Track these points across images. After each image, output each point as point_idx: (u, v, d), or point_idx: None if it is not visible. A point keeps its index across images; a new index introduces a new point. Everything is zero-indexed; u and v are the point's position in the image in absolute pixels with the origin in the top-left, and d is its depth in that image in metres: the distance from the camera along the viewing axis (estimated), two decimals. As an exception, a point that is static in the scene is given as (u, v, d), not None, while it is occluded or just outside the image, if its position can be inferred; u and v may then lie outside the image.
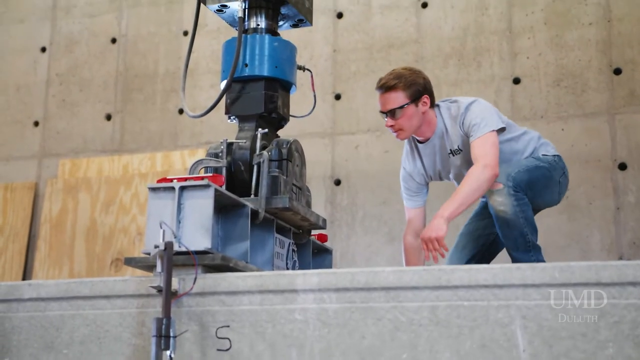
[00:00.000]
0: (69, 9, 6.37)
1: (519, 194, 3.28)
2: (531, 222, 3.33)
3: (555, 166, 3.48)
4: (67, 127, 6.16)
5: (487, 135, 3.33)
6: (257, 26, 3.23)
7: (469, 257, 3.60)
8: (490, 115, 3.40)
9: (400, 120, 3.45)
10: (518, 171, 3.32)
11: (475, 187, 3.24)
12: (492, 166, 3.26)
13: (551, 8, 5.17)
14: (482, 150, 3.30)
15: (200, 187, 2.61)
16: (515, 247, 3.34)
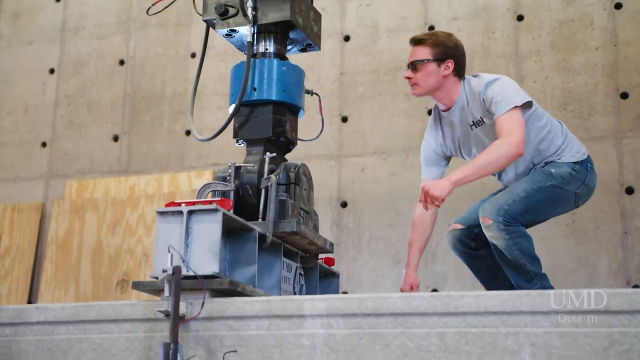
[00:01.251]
0: (78, 31, 6.41)
1: (512, 227, 3.21)
2: (528, 252, 3.25)
3: (570, 179, 3.37)
4: (75, 148, 6.19)
5: (512, 112, 3.26)
6: (265, 50, 3.26)
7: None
8: (513, 91, 3.33)
9: (418, 74, 3.44)
10: (513, 201, 3.24)
11: (493, 160, 3.21)
12: (517, 144, 3.20)
13: (558, 32, 5.19)
14: (508, 127, 3.24)
15: (208, 211, 2.62)
16: (517, 277, 3.30)
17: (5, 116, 6.42)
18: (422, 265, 5.15)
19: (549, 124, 3.45)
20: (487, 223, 3.22)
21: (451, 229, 3.52)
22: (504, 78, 3.41)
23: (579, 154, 3.46)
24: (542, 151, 3.42)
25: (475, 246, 3.48)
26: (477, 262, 3.50)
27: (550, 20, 5.22)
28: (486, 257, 3.47)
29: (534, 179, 3.35)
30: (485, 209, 3.24)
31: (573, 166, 3.40)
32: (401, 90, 5.48)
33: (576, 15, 5.17)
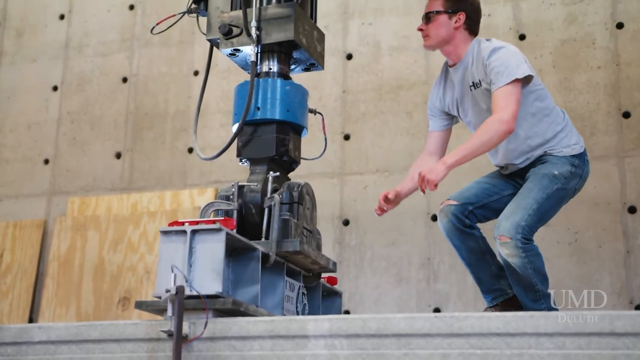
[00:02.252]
0: (81, 48, 6.44)
1: (528, 245, 3.23)
2: (540, 271, 3.27)
3: (571, 177, 3.39)
4: (77, 165, 6.19)
5: (510, 86, 3.26)
6: (269, 70, 3.27)
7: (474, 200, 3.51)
8: (515, 62, 3.31)
9: (430, 26, 3.47)
10: (528, 216, 3.25)
11: (486, 140, 3.23)
12: (508, 121, 3.21)
13: (560, 51, 5.21)
14: (502, 103, 3.25)
15: (211, 231, 2.63)
16: (524, 296, 3.30)
17: (8, 133, 6.43)
18: (424, 284, 5.16)
19: (551, 108, 3.45)
20: (504, 241, 3.21)
21: (445, 204, 3.47)
22: (510, 47, 3.41)
23: (577, 145, 3.46)
24: (538, 134, 3.41)
25: (469, 223, 3.44)
26: (469, 241, 3.44)
27: (552, 39, 5.24)
28: (478, 239, 3.44)
29: (540, 184, 3.33)
30: (501, 227, 3.23)
31: (572, 161, 3.41)
32: (403, 109, 5.50)
33: (578, 34, 5.18)
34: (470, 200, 3.44)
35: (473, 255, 3.45)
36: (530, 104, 3.39)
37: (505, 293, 3.43)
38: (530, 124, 3.40)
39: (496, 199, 3.49)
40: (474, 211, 3.44)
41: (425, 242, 5.20)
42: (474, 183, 3.56)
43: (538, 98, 3.42)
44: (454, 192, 3.53)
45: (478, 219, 3.48)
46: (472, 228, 3.46)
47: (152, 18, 6.27)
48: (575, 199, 3.71)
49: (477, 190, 3.51)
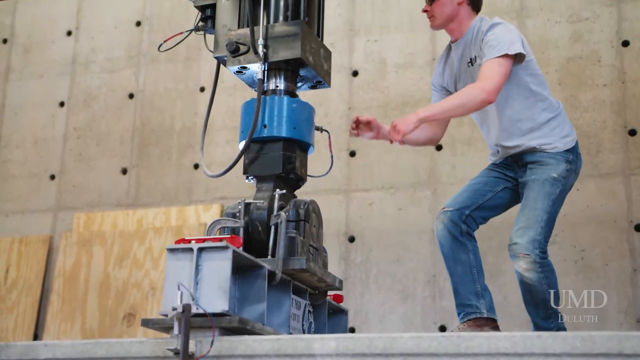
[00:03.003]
0: (88, 64, 6.47)
1: (545, 259, 3.25)
2: (554, 288, 3.28)
3: (568, 175, 3.40)
4: (83, 180, 6.21)
5: (499, 59, 3.29)
6: (276, 88, 3.28)
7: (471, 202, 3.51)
8: (510, 38, 3.34)
9: (434, 6, 3.51)
10: (541, 228, 3.26)
11: (462, 103, 3.27)
12: (489, 92, 3.23)
13: (565, 69, 5.21)
14: (487, 73, 3.28)
15: (218, 248, 2.62)
16: (535, 315, 3.31)
17: (14, 149, 6.45)
18: (429, 301, 5.15)
19: (545, 95, 3.46)
20: (523, 257, 3.22)
21: (442, 210, 3.48)
22: (507, 25, 3.44)
23: (570, 138, 3.47)
24: (530, 117, 3.41)
25: (465, 230, 3.44)
26: (460, 252, 3.42)
27: (558, 57, 5.25)
28: (469, 252, 3.43)
29: (544, 192, 3.33)
30: (518, 246, 3.24)
31: (567, 157, 3.41)
32: (409, 126, 5.49)
33: (584, 52, 5.19)
34: (465, 203, 3.45)
35: (460, 267, 3.43)
36: (524, 85, 3.41)
37: (479, 311, 3.39)
38: (522, 105, 3.41)
39: (490, 196, 3.50)
40: (472, 214, 3.45)
41: (430, 259, 5.19)
42: (466, 187, 3.57)
43: (533, 82, 3.44)
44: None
45: (477, 222, 3.49)
46: (469, 237, 3.45)
47: (158, 34, 6.31)
48: (581, 217, 3.72)
49: (470, 193, 3.51)
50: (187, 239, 2.69)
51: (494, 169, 3.59)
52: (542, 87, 3.48)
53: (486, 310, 3.38)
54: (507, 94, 3.40)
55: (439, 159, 5.37)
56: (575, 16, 5.27)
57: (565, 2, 5.31)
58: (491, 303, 3.42)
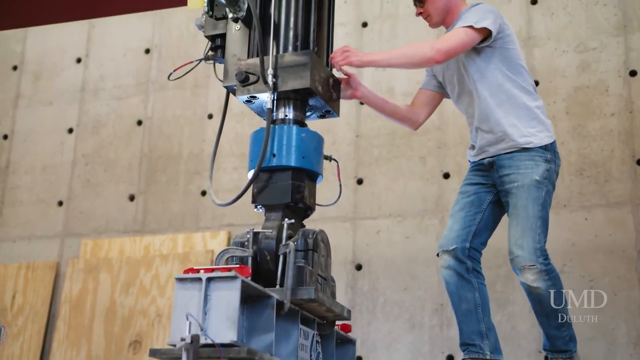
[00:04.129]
0: (97, 91, 6.51)
1: (550, 266, 3.23)
2: (562, 295, 3.27)
3: (549, 175, 3.35)
4: (91, 207, 6.22)
5: (462, 28, 3.32)
6: (285, 117, 3.29)
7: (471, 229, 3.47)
8: (481, 15, 3.34)
9: (426, 6, 3.53)
10: (538, 235, 3.23)
11: (409, 55, 3.31)
12: (437, 50, 3.25)
13: (573, 98, 5.22)
14: (446, 36, 3.32)
15: (227, 278, 2.61)
16: (547, 325, 3.30)
17: (23, 175, 6.48)
18: (437, 330, 5.12)
19: (522, 85, 3.41)
20: (529, 269, 3.19)
21: (443, 252, 3.43)
22: (487, 5, 3.44)
23: (545, 134, 3.41)
24: (505, 101, 3.38)
25: (471, 267, 3.40)
26: (465, 290, 3.39)
27: (565, 86, 5.26)
28: (475, 289, 3.39)
29: (531, 197, 3.28)
30: (521, 258, 3.21)
31: (544, 155, 3.35)
32: (416, 154, 5.51)
33: (591, 81, 5.20)
34: (462, 237, 3.41)
35: (464, 305, 3.39)
36: (501, 71, 3.40)
37: (482, 352, 3.34)
38: (499, 90, 3.39)
39: (480, 218, 3.46)
40: (472, 245, 3.41)
41: (438, 287, 5.17)
42: (452, 220, 3.50)
43: (510, 70, 3.41)
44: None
45: (479, 251, 3.44)
46: (476, 274, 3.41)
47: (167, 62, 6.35)
48: (589, 246, 3.71)
49: (461, 224, 3.46)
50: (196, 268, 2.68)
51: (473, 180, 3.53)
52: (522, 77, 3.44)
53: (490, 351, 3.34)
54: (484, 78, 3.41)
55: (446, 187, 5.37)
56: (582, 46, 5.29)
57: (573, 31, 5.34)
58: (496, 344, 3.38)
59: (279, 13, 3.36)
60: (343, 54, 3.28)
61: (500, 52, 3.42)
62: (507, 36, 3.44)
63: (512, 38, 3.46)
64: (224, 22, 3.45)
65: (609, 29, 5.25)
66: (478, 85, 3.44)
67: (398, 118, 3.76)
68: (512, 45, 3.45)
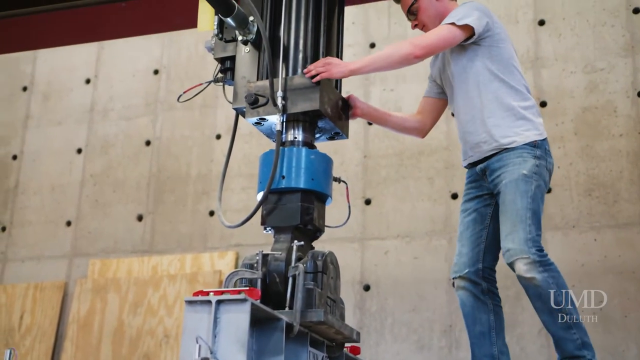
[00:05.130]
0: (106, 112, 6.54)
1: (545, 257, 3.08)
2: (564, 289, 3.08)
3: (539, 171, 3.23)
4: (99, 227, 6.23)
5: (444, 25, 3.29)
6: (294, 139, 3.29)
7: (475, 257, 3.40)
8: (465, 12, 3.31)
9: (420, 16, 3.50)
10: (529, 226, 3.11)
11: (388, 54, 3.26)
12: (416, 45, 3.22)
13: (581, 119, 5.23)
14: (426, 33, 3.30)
15: (236, 301, 2.61)
16: (552, 324, 3.10)
17: (32, 195, 6.49)
18: (446, 352, 5.09)
19: (511, 84, 3.34)
20: (520, 259, 3.07)
21: (457, 277, 3.39)
22: (475, 3, 3.41)
23: (532, 132, 3.30)
24: (491, 102, 3.31)
25: (486, 288, 3.34)
26: (481, 312, 3.33)
27: (573, 106, 5.26)
28: (490, 311, 3.33)
29: (519, 191, 3.18)
30: (511, 251, 3.10)
31: (533, 152, 3.25)
32: (424, 174, 5.51)
33: (599, 102, 5.21)
34: (474, 259, 3.36)
35: (478, 327, 3.34)
36: (489, 70, 3.34)
37: None
38: (485, 89, 3.33)
39: (485, 234, 3.39)
40: (485, 265, 3.35)
41: (446, 308, 5.16)
42: (460, 243, 3.44)
43: (499, 69, 3.35)
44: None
45: (492, 269, 3.38)
46: (491, 295, 3.36)
47: (175, 83, 6.38)
48: (599, 267, 3.69)
49: (469, 246, 3.40)
50: (206, 291, 2.68)
51: (470, 194, 3.47)
52: (511, 77, 3.36)
53: None
54: (469, 78, 3.37)
55: (454, 207, 5.36)
56: (590, 66, 5.30)
57: (580, 52, 5.35)
58: None
59: (288, 35, 3.38)
60: (325, 66, 3.23)
61: (490, 50, 3.36)
62: (497, 34, 3.37)
63: (502, 37, 3.39)
64: (233, 44, 3.47)
65: (617, 50, 5.26)
66: (464, 85, 3.40)
67: (404, 129, 3.75)
68: (502, 44, 3.37)
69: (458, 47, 3.40)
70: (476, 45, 3.37)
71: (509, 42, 3.44)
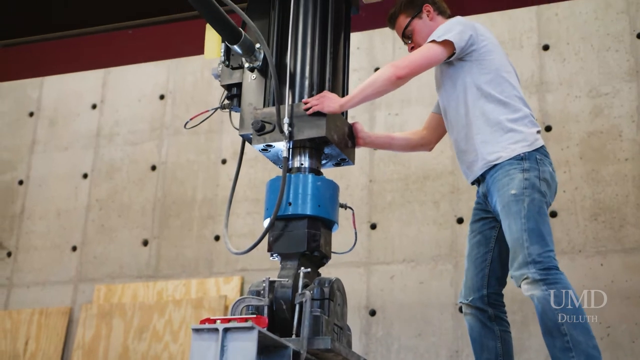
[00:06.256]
0: (112, 137, 6.56)
1: (549, 276, 2.97)
2: (572, 312, 2.97)
3: (530, 182, 3.13)
4: (104, 252, 6.23)
5: (426, 44, 3.28)
6: (300, 165, 3.31)
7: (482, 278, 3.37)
8: (447, 28, 3.29)
9: (415, 38, 3.50)
10: (527, 248, 3.01)
11: (371, 81, 3.25)
12: (397, 66, 3.22)
13: (586, 143, 5.23)
14: (409, 55, 3.29)
15: (244, 329, 2.61)
16: (552, 344, 2.97)
17: (37, 220, 6.50)
18: (453, 378, 5.07)
19: (498, 97, 3.27)
20: (524, 281, 3.01)
21: (464, 302, 3.37)
22: (458, 18, 3.41)
23: (520, 144, 3.20)
24: (479, 118, 3.26)
25: (492, 314, 3.31)
26: (489, 339, 3.30)
27: (578, 131, 5.27)
28: (497, 338, 3.30)
29: (511, 214, 3.10)
30: (515, 278, 3.04)
31: (520, 166, 3.16)
32: (430, 199, 5.51)
33: (604, 127, 5.21)
34: (479, 284, 3.34)
35: (486, 354, 3.31)
36: (476, 84, 3.29)
37: None
38: (473, 105, 3.29)
39: (490, 257, 3.35)
40: (491, 290, 3.32)
41: (453, 333, 5.13)
42: (466, 266, 3.42)
43: (486, 81, 3.30)
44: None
45: (498, 293, 3.34)
46: (499, 321, 3.33)
47: (181, 108, 6.41)
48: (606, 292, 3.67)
49: (473, 270, 3.37)
50: (213, 318, 2.68)
51: (476, 216, 3.44)
52: (499, 89, 3.29)
53: None
54: (458, 96, 3.34)
55: (460, 232, 5.36)
56: (594, 91, 5.31)
57: (585, 77, 5.36)
58: None
59: (294, 62, 3.41)
60: (319, 99, 3.25)
61: (477, 64, 3.32)
62: (483, 47, 3.32)
63: (489, 48, 3.34)
64: (240, 71, 3.50)
65: (622, 75, 5.27)
66: (454, 103, 3.38)
67: (410, 148, 3.78)
68: (490, 56, 3.32)
69: (446, 65, 3.39)
70: (462, 61, 3.34)
71: (498, 52, 3.39)
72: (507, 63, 3.42)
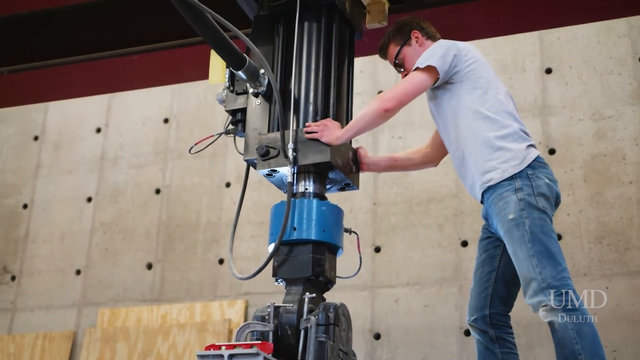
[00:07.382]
0: (116, 160, 6.58)
1: (567, 302, 2.91)
2: (587, 339, 2.92)
3: (526, 202, 3.07)
4: (108, 275, 6.22)
5: (413, 73, 3.28)
6: (305, 190, 3.31)
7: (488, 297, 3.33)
8: (430, 53, 3.28)
9: (406, 66, 3.49)
10: (539, 274, 2.96)
11: (361, 115, 3.25)
12: (384, 99, 3.22)
13: (590, 166, 5.23)
14: (394, 86, 3.29)
15: (249, 355, 2.60)
16: None
17: (42, 244, 6.51)
18: (458, 401, 5.04)
19: (487, 114, 3.23)
20: (542, 308, 2.96)
21: (469, 322, 3.34)
22: (442, 41, 3.42)
23: (511, 164, 3.15)
24: (472, 141, 3.23)
25: (494, 335, 3.26)
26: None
27: (582, 154, 5.28)
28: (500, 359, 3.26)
29: (514, 239, 3.06)
30: (533, 306, 3.00)
31: (512, 186, 3.11)
32: (434, 222, 5.51)
33: (608, 150, 5.22)
34: (481, 304, 3.30)
35: None
36: (466, 105, 3.26)
37: None
38: (463, 125, 3.26)
39: (494, 276, 3.30)
40: (494, 311, 3.28)
41: (457, 357, 5.11)
42: (472, 284, 3.39)
43: (475, 100, 3.26)
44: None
45: (503, 313, 3.30)
46: (502, 342, 3.27)
47: (185, 131, 6.43)
48: (611, 315, 3.66)
49: (477, 289, 3.34)
50: (217, 344, 2.67)
51: (483, 235, 3.40)
52: (487, 106, 3.25)
53: None
54: (448, 119, 3.33)
55: (464, 255, 5.35)
56: (598, 114, 5.32)
57: (588, 100, 5.38)
58: None
59: (299, 88, 3.42)
60: (320, 126, 3.27)
61: (464, 84, 3.29)
62: (467, 67, 3.29)
63: (475, 66, 3.30)
64: (244, 96, 3.50)
65: (624, 98, 5.29)
66: (445, 127, 3.37)
67: (414, 167, 3.82)
68: (475, 75, 3.29)
69: (433, 91, 3.39)
70: (450, 83, 3.32)
71: (485, 69, 3.35)
72: (495, 79, 3.39)
